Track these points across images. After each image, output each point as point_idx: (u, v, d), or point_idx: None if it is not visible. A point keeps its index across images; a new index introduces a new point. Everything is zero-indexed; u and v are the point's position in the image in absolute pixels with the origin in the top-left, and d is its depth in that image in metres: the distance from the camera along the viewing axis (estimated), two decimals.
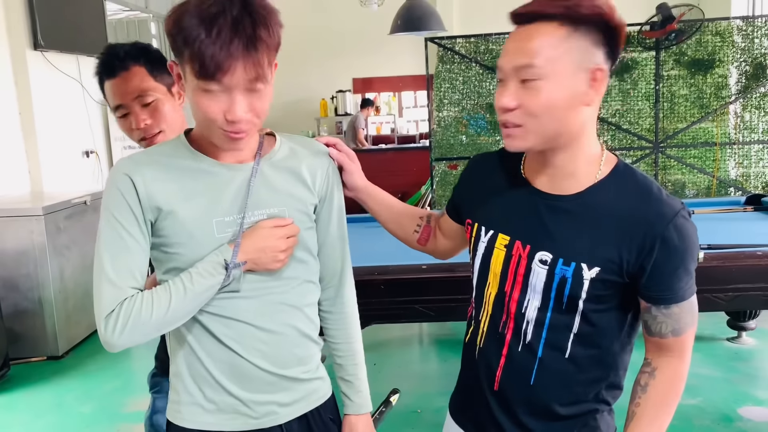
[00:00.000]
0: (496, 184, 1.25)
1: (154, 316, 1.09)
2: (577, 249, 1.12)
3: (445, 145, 5.29)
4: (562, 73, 1.05)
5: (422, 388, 3.40)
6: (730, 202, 3.67)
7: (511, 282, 1.19)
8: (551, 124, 1.08)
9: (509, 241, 1.19)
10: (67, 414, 3.31)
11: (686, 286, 1.12)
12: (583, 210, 1.13)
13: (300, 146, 1.27)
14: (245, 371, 1.20)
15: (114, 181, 1.13)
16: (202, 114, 1.08)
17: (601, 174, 1.14)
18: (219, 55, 1.01)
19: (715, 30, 4.98)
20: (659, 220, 1.08)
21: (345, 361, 1.36)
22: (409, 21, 4.76)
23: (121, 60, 1.54)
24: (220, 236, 1.14)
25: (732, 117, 5.12)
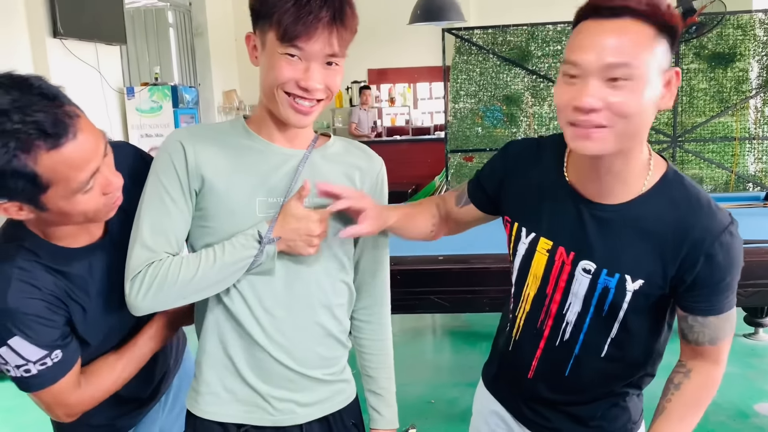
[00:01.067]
0: (538, 183, 1.21)
1: (180, 281, 1.08)
2: (621, 261, 1.11)
3: (461, 137, 5.27)
4: (651, 74, 1.01)
5: (436, 379, 3.41)
6: (750, 197, 3.64)
7: (552, 286, 1.19)
8: (637, 127, 1.03)
9: (552, 246, 1.18)
10: None
11: (726, 300, 1.11)
12: (629, 221, 1.10)
13: (355, 148, 1.27)
14: (266, 364, 1.18)
15: (166, 146, 1.14)
16: (274, 77, 1.09)
17: (650, 181, 1.11)
18: (307, 19, 1.03)
19: (736, 23, 4.91)
20: (706, 235, 1.06)
21: (378, 374, 1.33)
22: (429, 11, 4.74)
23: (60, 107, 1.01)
24: (260, 216, 1.14)
25: (752, 112, 5.06)
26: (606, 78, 1.00)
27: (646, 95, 1.01)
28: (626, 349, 1.18)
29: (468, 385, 3.28)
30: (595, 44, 1.00)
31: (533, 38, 5.05)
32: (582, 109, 1.01)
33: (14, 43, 4.51)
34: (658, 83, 1.03)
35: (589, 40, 1.01)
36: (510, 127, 5.24)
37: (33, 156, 0.97)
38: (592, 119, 1.01)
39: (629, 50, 0.99)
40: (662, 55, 1.02)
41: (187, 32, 7.30)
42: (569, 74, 1.03)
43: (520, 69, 5.09)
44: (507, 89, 5.16)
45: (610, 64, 0.99)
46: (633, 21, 1.00)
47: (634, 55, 0.99)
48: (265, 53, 1.10)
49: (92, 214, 1.10)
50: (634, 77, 0.99)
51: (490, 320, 4.01)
